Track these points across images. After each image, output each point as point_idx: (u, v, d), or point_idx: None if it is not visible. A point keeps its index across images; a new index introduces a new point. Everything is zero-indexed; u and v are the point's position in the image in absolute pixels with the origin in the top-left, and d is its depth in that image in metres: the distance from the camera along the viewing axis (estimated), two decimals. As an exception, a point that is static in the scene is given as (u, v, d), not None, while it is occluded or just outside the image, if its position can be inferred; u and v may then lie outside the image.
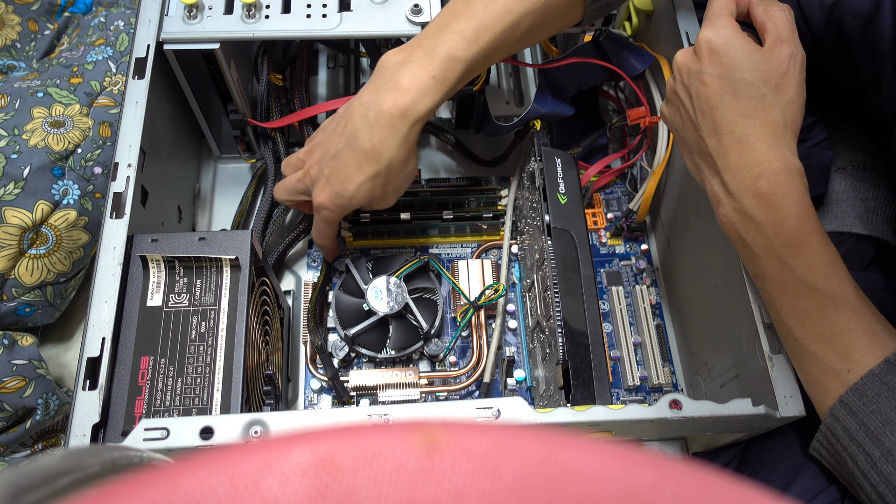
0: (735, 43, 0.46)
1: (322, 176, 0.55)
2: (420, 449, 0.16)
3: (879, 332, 0.43)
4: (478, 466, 0.16)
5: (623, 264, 0.73)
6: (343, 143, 0.53)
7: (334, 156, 0.54)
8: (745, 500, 0.17)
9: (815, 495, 0.48)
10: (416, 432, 0.17)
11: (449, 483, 0.16)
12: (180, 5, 0.60)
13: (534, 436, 0.17)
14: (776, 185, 0.44)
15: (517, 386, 0.66)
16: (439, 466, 0.16)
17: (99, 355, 0.48)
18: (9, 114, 0.64)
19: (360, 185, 0.54)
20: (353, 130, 0.52)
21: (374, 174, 0.53)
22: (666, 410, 0.46)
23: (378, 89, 0.52)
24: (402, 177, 0.55)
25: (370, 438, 0.16)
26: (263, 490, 0.15)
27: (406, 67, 0.52)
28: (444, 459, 0.16)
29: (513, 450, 0.16)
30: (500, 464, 0.16)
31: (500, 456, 0.16)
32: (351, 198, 0.54)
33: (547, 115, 0.66)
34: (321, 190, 0.55)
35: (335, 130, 0.55)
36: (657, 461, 0.17)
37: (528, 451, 0.16)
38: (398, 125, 0.51)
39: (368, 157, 0.52)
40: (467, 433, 0.17)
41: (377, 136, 0.52)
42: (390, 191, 0.56)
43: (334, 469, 0.16)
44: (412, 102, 0.51)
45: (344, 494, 0.15)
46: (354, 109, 0.53)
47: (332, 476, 0.16)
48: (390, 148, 0.52)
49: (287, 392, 0.65)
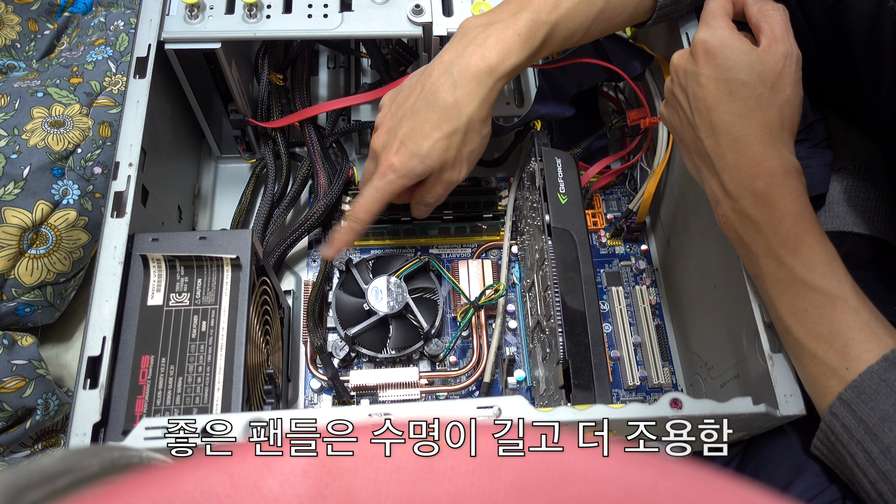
0: (731, 43, 0.46)
1: (395, 139, 0.54)
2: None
3: (878, 330, 0.43)
4: (478, 466, 0.16)
5: (623, 265, 0.73)
6: (420, 100, 0.53)
7: (411, 115, 0.53)
8: (745, 499, 0.17)
9: (817, 494, 0.48)
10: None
11: (449, 483, 0.16)
12: (181, 5, 0.60)
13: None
14: (773, 185, 0.44)
15: (517, 386, 0.66)
16: (439, 466, 0.16)
17: (100, 354, 0.48)
18: (9, 114, 0.64)
19: (437, 142, 0.53)
20: (434, 87, 0.52)
21: (451, 131, 0.52)
22: (666, 409, 0.46)
23: (462, 48, 0.52)
24: (478, 139, 0.55)
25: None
26: (263, 490, 0.15)
27: (492, 28, 0.52)
28: (444, 459, 0.16)
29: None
30: (500, 464, 0.16)
31: (499, 456, 0.16)
32: (426, 156, 0.53)
33: (547, 116, 0.66)
34: (394, 153, 0.54)
35: (408, 96, 0.54)
36: (657, 461, 0.17)
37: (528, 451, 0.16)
38: (484, 80, 0.52)
39: (449, 112, 0.52)
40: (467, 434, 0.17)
41: (460, 90, 0.52)
42: (465, 154, 0.55)
43: (334, 469, 0.16)
44: (499, 58, 0.51)
45: (344, 494, 0.15)
46: (434, 68, 0.53)
47: (332, 476, 0.16)
48: (472, 102, 0.52)
49: (287, 392, 0.65)
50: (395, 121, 0.55)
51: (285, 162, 0.72)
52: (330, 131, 0.72)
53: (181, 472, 0.16)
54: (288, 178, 0.72)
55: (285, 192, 0.71)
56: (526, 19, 0.52)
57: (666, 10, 0.58)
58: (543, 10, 0.53)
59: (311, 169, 0.70)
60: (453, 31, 0.61)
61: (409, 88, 0.55)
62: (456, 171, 0.56)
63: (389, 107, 0.57)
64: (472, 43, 0.52)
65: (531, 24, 0.52)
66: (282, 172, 0.71)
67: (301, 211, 0.75)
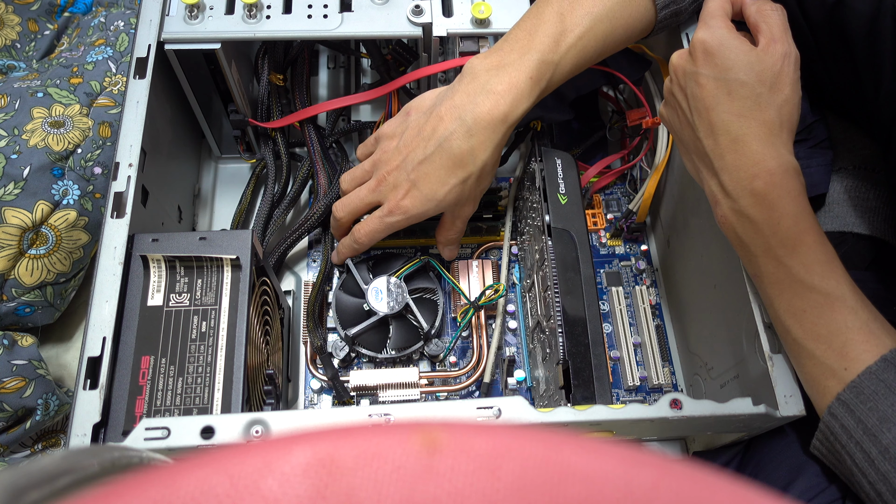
0: (730, 43, 0.46)
1: (407, 181, 0.55)
2: (420, 449, 0.16)
3: (877, 331, 0.43)
4: (478, 466, 0.16)
5: (623, 265, 0.73)
6: (433, 148, 0.54)
7: (423, 160, 0.54)
8: (745, 500, 0.17)
9: (817, 494, 0.48)
10: (416, 432, 0.17)
11: (449, 483, 0.16)
12: (181, 5, 0.60)
13: (534, 436, 0.17)
14: (772, 185, 0.44)
15: (517, 386, 0.66)
16: (439, 466, 0.16)
17: (100, 355, 0.48)
18: (9, 114, 0.64)
19: (452, 189, 0.55)
20: (447, 134, 0.53)
21: (465, 177, 0.54)
22: (666, 410, 0.46)
23: (473, 94, 0.53)
24: (489, 178, 0.57)
25: (370, 438, 0.16)
26: (263, 490, 0.15)
27: (503, 71, 0.53)
28: (444, 459, 0.16)
29: (513, 450, 0.16)
30: (500, 464, 0.16)
31: (500, 456, 0.16)
32: (441, 201, 0.55)
33: (546, 119, 0.66)
34: (405, 195, 0.56)
35: (416, 137, 0.55)
36: (657, 461, 0.17)
37: (528, 451, 0.16)
38: (498, 128, 0.53)
39: (463, 161, 0.53)
40: (467, 433, 0.17)
41: (475, 140, 0.53)
42: (478, 192, 0.57)
43: (334, 469, 0.16)
44: (511, 106, 0.52)
45: (344, 495, 0.15)
46: (446, 113, 0.54)
47: (332, 476, 0.16)
48: (487, 150, 0.53)
49: (287, 392, 0.65)
50: (403, 159, 0.56)
51: (285, 162, 0.72)
52: (330, 131, 0.72)
53: (181, 472, 0.16)
54: (288, 179, 0.72)
55: (285, 193, 0.71)
56: (535, 60, 0.53)
57: (666, 22, 0.58)
58: (549, 50, 0.53)
59: (311, 169, 0.70)
60: (453, 32, 0.61)
61: (418, 129, 0.56)
62: (469, 207, 0.59)
63: (393, 141, 0.58)
64: (484, 89, 0.53)
65: (539, 66, 0.53)
66: (282, 172, 0.71)
67: (301, 211, 0.75)
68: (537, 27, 0.54)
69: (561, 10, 0.54)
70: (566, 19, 0.54)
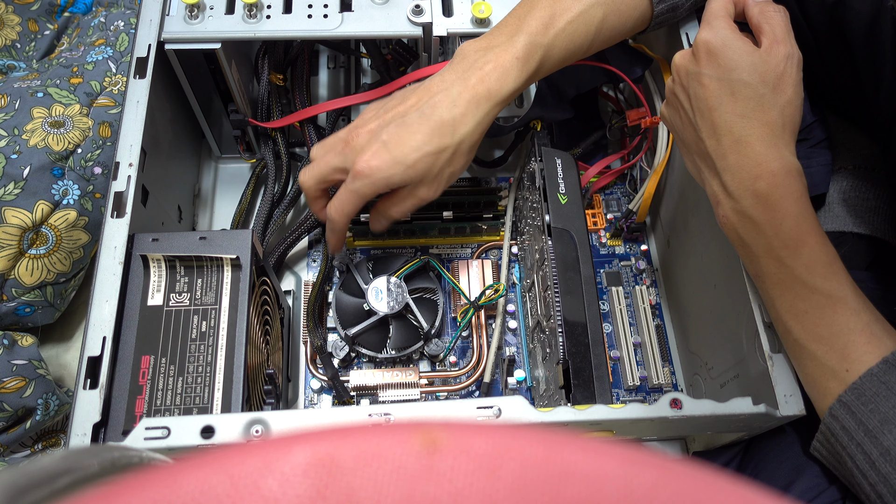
0: (733, 44, 0.46)
1: (377, 141, 0.51)
2: (420, 449, 0.16)
3: (878, 332, 0.43)
4: (478, 466, 0.16)
5: (623, 265, 0.73)
6: (414, 112, 0.52)
7: (400, 123, 0.51)
8: (745, 500, 0.17)
9: (817, 495, 0.48)
10: (416, 432, 0.17)
11: (449, 483, 0.16)
12: (181, 5, 0.60)
13: (534, 436, 0.17)
14: (775, 186, 0.44)
15: (517, 386, 0.66)
16: (439, 466, 0.16)
17: (100, 354, 0.48)
18: (9, 114, 0.64)
19: (424, 156, 0.51)
20: (432, 101, 0.52)
21: (442, 147, 0.51)
22: (666, 409, 0.46)
23: (463, 71, 0.52)
24: (463, 162, 0.54)
25: (370, 438, 0.16)
26: (263, 490, 0.15)
27: (490, 52, 0.52)
28: (444, 459, 0.16)
29: (513, 450, 0.16)
30: (500, 464, 0.16)
31: (500, 456, 0.16)
32: (409, 167, 0.51)
33: (546, 118, 0.66)
34: (372, 155, 0.51)
35: (399, 104, 0.53)
36: (657, 461, 0.17)
37: (528, 451, 0.16)
38: (482, 104, 0.52)
39: (443, 128, 0.51)
40: (467, 433, 0.17)
41: (459, 109, 0.51)
42: (446, 174, 0.53)
43: (334, 469, 0.16)
44: (497, 83, 0.52)
45: (344, 495, 0.15)
46: (434, 84, 0.53)
47: (332, 476, 0.16)
48: (468, 124, 0.52)
49: (287, 392, 0.65)
50: (378, 123, 0.53)
51: (285, 162, 0.72)
52: (330, 131, 0.72)
53: (181, 472, 0.16)
54: (288, 178, 0.72)
55: (285, 192, 0.71)
56: (523, 42, 0.52)
57: (663, 17, 0.58)
58: (539, 32, 0.53)
59: (311, 169, 0.70)
60: (453, 32, 0.61)
61: (402, 97, 0.54)
62: (432, 189, 0.54)
63: (377, 111, 0.55)
64: (472, 67, 0.52)
65: (528, 48, 0.52)
66: (282, 172, 0.71)
67: (301, 211, 0.75)
68: (528, 12, 0.54)
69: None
70: (557, 4, 0.54)
